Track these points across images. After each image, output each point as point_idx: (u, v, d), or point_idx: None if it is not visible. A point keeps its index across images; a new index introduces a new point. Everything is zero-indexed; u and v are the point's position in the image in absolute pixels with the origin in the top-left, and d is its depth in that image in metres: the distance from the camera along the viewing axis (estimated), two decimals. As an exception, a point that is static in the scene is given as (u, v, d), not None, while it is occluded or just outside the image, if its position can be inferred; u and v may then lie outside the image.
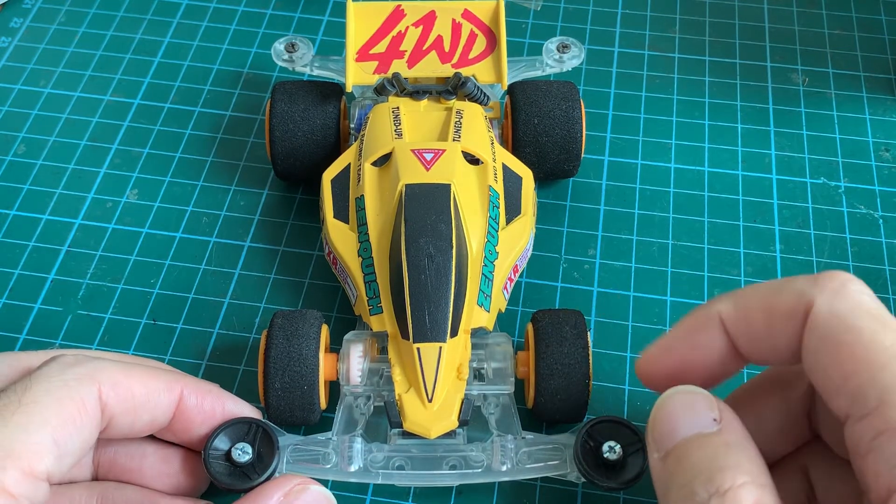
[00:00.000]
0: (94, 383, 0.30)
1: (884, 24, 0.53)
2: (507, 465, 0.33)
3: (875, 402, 0.26)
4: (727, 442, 0.27)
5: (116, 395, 0.30)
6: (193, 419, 0.33)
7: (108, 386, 0.30)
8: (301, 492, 0.31)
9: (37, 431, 0.28)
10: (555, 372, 0.34)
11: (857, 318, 0.27)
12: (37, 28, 0.53)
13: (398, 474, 0.34)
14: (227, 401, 0.34)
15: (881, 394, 0.25)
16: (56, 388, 0.29)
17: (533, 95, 0.42)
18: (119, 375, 0.31)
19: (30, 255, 0.43)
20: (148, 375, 0.32)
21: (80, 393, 0.30)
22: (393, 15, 0.44)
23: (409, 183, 0.37)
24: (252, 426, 0.33)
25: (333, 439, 0.34)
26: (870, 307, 0.28)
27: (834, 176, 0.46)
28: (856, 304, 0.27)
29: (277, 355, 0.34)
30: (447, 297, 0.35)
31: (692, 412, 0.28)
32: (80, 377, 0.30)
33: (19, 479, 0.27)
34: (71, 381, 0.30)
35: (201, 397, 0.33)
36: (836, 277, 0.28)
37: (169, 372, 0.33)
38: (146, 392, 0.31)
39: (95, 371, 0.30)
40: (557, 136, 0.42)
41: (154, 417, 0.32)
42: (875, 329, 0.27)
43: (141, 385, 0.31)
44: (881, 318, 0.27)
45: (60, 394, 0.29)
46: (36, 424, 0.28)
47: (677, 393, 0.29)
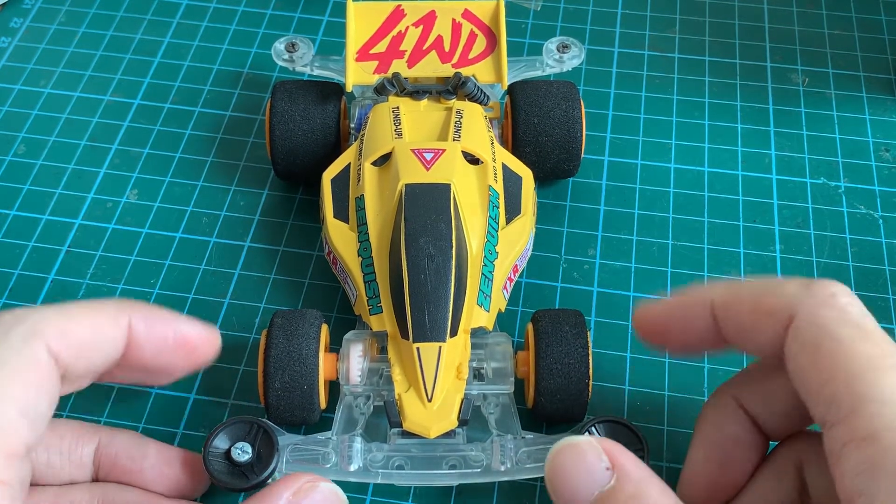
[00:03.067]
0: (40, 338, 0.29)
1: (884, 24, 0.53)
2: (507, 465, 0.33)
3: (847, 411, 0.26)
4: (630, 494, 0.28)
5: (66, 344, 0.29)
6: (144, 347, 0.31)
7: (54, 337, 0.29)
8: (310, 490, 0.30)
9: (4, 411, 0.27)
10: (555, 371, 0.35)
11: (840, 327, 0.27)
12: (37, 28, 0.53)
13: (398, 474, 0.34)
14: (180, 323, 0.32)
15: (853, 402, 0.26)
16: (6, 357, 0.28)
17: (533, 95, 0.42)
18: (63, 322, 0.29)
19: (30, 255, 0.43)
20: (92, 312, 0.30)
21: (31, 355, 0.28)
22: (393, 15, 0.44)
23: (408, 182, 0.37)
24: (252, 426, 0.33)
25: (333, 439, 0.34)
26: (854, 317, 0.28)
27: (834, 176, 0.46)
28: (840, 313, 0.28)
29: (277, 354, 0.34)
30: (447, 297, 0.35)
31: (584, 469, 0.28)
32: (25, 336, 0.28)
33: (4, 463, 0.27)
34: (17, 344, 0.28)
35: (150, 324, 0.31)
36: (827, 287, 0.29)
37: (113, 303, 0.31)
38: (93, 331, 0.30)
39: (38, 325, 0.29)
40: (557, 136, 0.42)
41: (107, 354, 0.31)
42: (855, 338, 0.27)
43: (87, 326, 0.30)
44: (864, 328, 0.27)
45: (13, 362, 0.28)
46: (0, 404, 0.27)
47: (562, 449, 0.29)
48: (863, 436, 0.25)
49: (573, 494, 0.29)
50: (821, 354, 0.27)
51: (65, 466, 0.33)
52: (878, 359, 0.26)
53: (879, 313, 0.41)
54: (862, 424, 0.25)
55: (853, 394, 0.26)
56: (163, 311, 0.32)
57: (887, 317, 0.41)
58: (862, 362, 0.26)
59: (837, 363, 0.27)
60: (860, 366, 0.26)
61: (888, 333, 0.40)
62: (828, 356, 0.27)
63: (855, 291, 0.41)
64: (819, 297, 0.28)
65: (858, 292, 0.41)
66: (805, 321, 0.28)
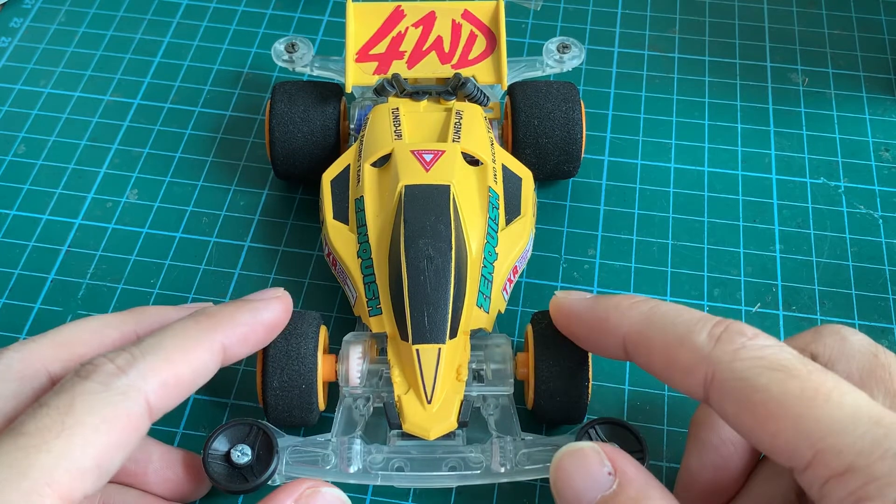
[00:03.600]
0: (140, 394, 0.28)
1: (884, 24, 0.53)
2: (507, 467, 0.33)
3: (810, 453, 0.26)
4: (631, 498, 0.28)
5: (165, 394, 0.29)
6: (238, 354, 0.32)
7: (154, 391, 0.29)
8: (312, 495, 0.30)
9: (81, 457, 0.27)
10: (554, 373, 0.34)
11: (761, 377, 0.27)
12: (37, 28, 0.53)
13: (397, 475, 0.34)
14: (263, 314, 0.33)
15: (812, 443, 0.25)
16: (101, 407, 0.27)
17: (533, 96, 0.42)
18: (164, 373, 0.29)
19: (30, 255, 0.43)
20: (189, 349, 0.30)
21: (125, 409, 0.28)
22: (393, 15, 0.44)
23: (408, 184, 0.37)
24: (252, 428, 0.33)
25: (333, 440, 0.34)
26: (769, 359, 0.27)
27: (834, 176, 0.46)
28: (756, 361, 0.27)
29: (276, 354, 0.34)
30: (446, 299, 0.35)
31: (587, 474, 0.29)
32: (125, 391, 0.28)
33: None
34: (115, 398, 0.28)
35: (240, 335, 0.32)
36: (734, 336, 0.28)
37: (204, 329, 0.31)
38: (192, 372, 0.30)
39: (140, 381, 0.29)
40: (557, 138, 0.42)
41: (202, 383, 0.31)
42: (780, 379, 0.27)
43: (186, 368, 0.30)
44: (784, 366, 0.27)
45: (105, 414, 0.27)
46: (80, 449, 0.27)
47: (566, 454, 0.30)
48: (840, 471, 0.25)
49: (577, 499, 0.29)
50: (757, 410, 0.27)
51: None
52: (811, 391, 0.26)
53: (879, 313, 0.41)
54: (832, 460, 0.25)
55: (807, 436, 0.26)
56: (243, 314, 0.33)
57: (887, 317, 0.41)
58: (799, 402, 0.26)
59: (776, 413, 0.26)
60: (799, 407, 0.26)
61: (888, 333, 0.40)
62: (763, 409, 0.27)
63: (855, 291, 0.41)
64: (729, 351, 0.28)
65: (858, 292, 0.41)
66: (727, 382, 0.28)
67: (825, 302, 0.41)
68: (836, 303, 0.41)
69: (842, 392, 0.26)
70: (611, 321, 0.32)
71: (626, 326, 0.31)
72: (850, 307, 0.41)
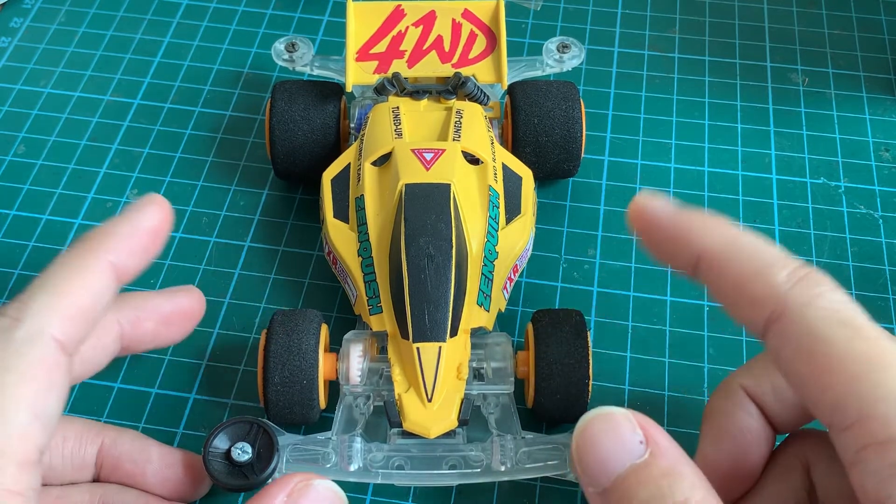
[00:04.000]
0: (45, 334, 0.28)
1: (884, 24, 0.53)
2: (507, 465, 0.33)
3: (855, 415, 0.25)
4: (664, 471, 0.27)
5: (70, 327, 0.28)
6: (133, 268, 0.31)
7: (58, 326, 0.28)
8: (304, 489, 0.30)
9: (15, 416, 0.26)
10: (554, 371, 0.34)
11: (831, 328, 0.26)
12: (37, 28, 0.53)
13: (398, 474, 0.34)
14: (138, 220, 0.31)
15: (861, 406, 0.25)
16: (11, 360, 0.27)
17: (533, 95, 0.42)
18: (61, 307, 0.28)
19: (30, 255, 0.43)
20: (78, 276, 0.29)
21: (36, 354, 0.27)
22: (393, 15, 0.44)
23: (408, 182, 0.37)
24: (252, 426, 0.33)
25: (333, 439, 0.34)
26: (845, 315, 0.27)
27: (834, 176, 0.46)
28: (830, 313, 0.27)
29: (277, 349, 0.34)
30: (447, 297, 0.35)
31: (618, 439, 0.27)
32: (29, 337, 0.27)
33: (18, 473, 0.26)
34: (22, 348, 0.27)
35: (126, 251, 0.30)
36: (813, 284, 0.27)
37: (86, 251, 0.30)
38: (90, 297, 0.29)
39: (39, 320, 0.28)
40: (557, 136, 0.42)
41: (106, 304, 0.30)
42: (848, 336, 0.26)
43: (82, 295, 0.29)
44: (854, 324, 0.26)
45: (19, 366, 0.27)
46: (11, 410, 0.26)
47: (596, 417, 0.28)
48: (881, 440, 0.24)
49: (603, 465, 0.27)
50: (816, 360, 0.26)
51: (67, 469, 0.33)
52: (876, 357, 0.26)
53: (879, 313, 0.41)
54: (877, 428, 0.24)
55: (859, 397, 0.25)
56: (121, 226, 0.31)
57: (887, 317, 0.41)
58: (861, 363, 0.25)
59: (835, 367, 0.26)
60: (860, 367, 0.25)
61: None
62: (823, 361, 0.26)
63: (855, 291, 0.41)
64: (805, 296, 0.27)
65: (858, 292, 0.41)
66: (794, 325, 0.27)
67: (825, 301, 0.41)
68: (836, 302, 0.41)
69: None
70: (693, 233, 0.30)
71: (706, 243, 0.29)
72: (850, 307, 0.41)
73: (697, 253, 0.29)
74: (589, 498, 0.28)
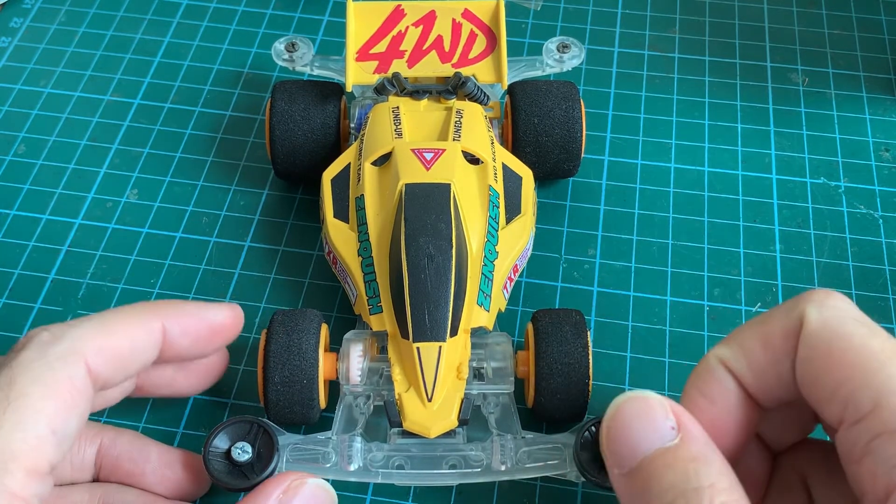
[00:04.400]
0: (79, 357, 0.29)
1: (884, 24, 0.53)
2: (507, 465, 0.33)
3: (870, 406, 0.26)
4: (693, 456, 0.27)
5: (104, 361, 0.30)
6: (180, 344, 0.33)
7: (93, 355, 0.29)
8: (299, 487, 0.31)
9: (33, 427, 0.27)
10: (555, 371, 0.34)
11: (846, 325, 0.27)
12: (37, 28, 0.53)
13: (398, 473, 0.34)
14: (209, 311, 0.34)
15: (876, 397, 0.25)
16: (41, 374, 0.28)
17: (533, 95, 0.42)
18: (100, 339, 0.30)
19: (30, 255, 0.43)
20: (127, 324, 0.31)
21: (66, 373, 0.29)
22: (393, 15, 0.44)
23: (408, 182, 0.37)
24: (252, 426, 0.33)
25: (333, 438, 0.34)
26: (856, 315, 0.28)
27: (834, 176, 0.46)
28: (843, 312, 0.28)
29: (277, 349, 0.34)
30: (447, 297, 0.35)
31: (649, 423, 0.27)
32: (63, 355, 0.29)
33: (25, 479, 0.27)
34: (55, 363, 0.28)
35: (182, 324, 0.33)
36: (819, 292, 0.28)
37: (146, 310, 0.32)
38: (130, 344, 0.31)
39: (77, 343, 0.29)
40: (557, 136, 0.42)
41: (144, 362, 0.32)
42: (864, 334, 0.27)
43: (124, 339, 0.31)
44: (868, 324, 0.27)
45: (47, 379, 0.28)
46: (31, 420, 0.27)
47: (630, 399, 0.28)
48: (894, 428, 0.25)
49: (634, 446, 0.27)
50: (832, 355, 0.27)
51: (66, 468, 0.33)
52: (889, 351, 0.26)
53: (879, 313, 0.41)
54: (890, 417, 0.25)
55: (875, 388, 0.26)
56: (190, 306, 0.33)
57: (887, 317, 0.41)
58: (877, 357, 0.26)
59: (852, 361, 0.26)
60: (876, 360, 0.26)
61: (888, 333, 0.40)
62: (840, 355, 0.27)
63: (855, 291, 0.41)
64: (817, 301, 0.28)
65: (858, 292, 0.41)
66: (812, 326, 0.28)
67: (825, 301, 0.41)
68: (836, 302, 0.41)
69: None
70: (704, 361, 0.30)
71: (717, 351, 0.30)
72: (850, 307, 0.41)
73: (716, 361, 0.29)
74: (613, 481, 0.28)
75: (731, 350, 0.29)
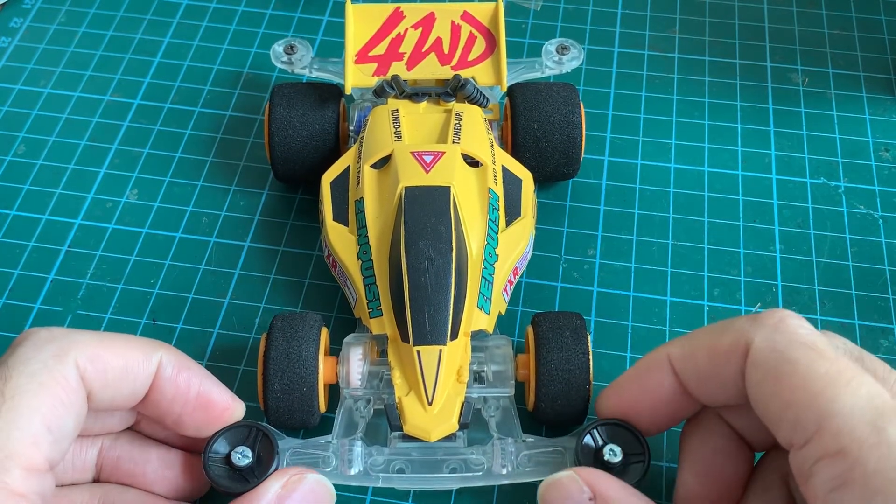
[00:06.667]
0: (72, 358, 0.29)
1: (884, 24, 0.53)
2: (508, 469, 0.33)
3: (813, 429, 0.26)
4: None
5: (95, 369, 0.30)
6: (166, 391, 0.32)
7: (85, 359, 0.29)
8: (298, 482, 0.31)
9: (29, 423, 0.27)
10: (555, 378, 0.34)
11: (793, 350, 0.28)
12: (37, 28, 0.53)
13: (398, 477, 0.34)
14: (206, 380, 0.33)
15: (819, 420, 0.26)
16: (36, 371, 0.28)
17: (533, 100, 0.42)
18: (96, 348, 0.30)
19: (30, 255, 0.43)
20: (125, 345, 0.31)
21: (61, 371, 0.29)
22: (392, 17, 0.44)
23: (408, 185, 0.37)
24: (252, 430, 0.33)
25: (333, 442, 0.34)
26: (806, 339, 0.28)
27: (834, 176, 0.46)
28: (792, 338, 0.28)
29: (277, 357, 0.34)
30: (447, 300, 0.35)
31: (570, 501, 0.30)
32: (58, 354, 0.29)
33: (24, 476, 0.27)
34: (49, 361, 0.29)
35: (178, 370, 0.32)
36: (775, 314, 0.29)
37: (146, 341, 0.32)
38: (125, 363, 0.31)
39: (71, 345, 0.29)
40: (557, 141, 0.42)
41: (134, 389, 0.31)
42: (811, 358, 0.28)
43: (119, 356, 0.31)
44: (817, 348, 0.28)
45: (42, 377, 0.28)
46: (26, 416, 0.28)
47: (548, 488, 0.31)
48: (832, 452, 0.26)
49: None
50: (780, 380, 0.28)
51: (67, 470, 0.33)
52: (835, 375, 0.27)
53: (879, 313, 0.41)
54: (829, 441, 0.26)
55: (816, 412, 0.26)
56: (191, 363, 0.33)
57: (887, 317, 0.41)
58: (820, 381, 0.27)
59: (797, 385, 0.27)
60: (819, 385, 0.27)
61: (888, 333, 0.40)
62: (786, 380, 0.27)
63: (855, 291, 0.41)
64: (768, 325, 0.29)
65: (858, 292, 0.41)
66: (760, 350, 0.29)
67: (825, 302, 0.41)
68: (836, 303, 0.41)
69: (861, 382, 0.27)
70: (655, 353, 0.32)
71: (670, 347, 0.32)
72: (850, 307, 0.41)
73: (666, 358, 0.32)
74: None
75: (682, 352, 0.31)
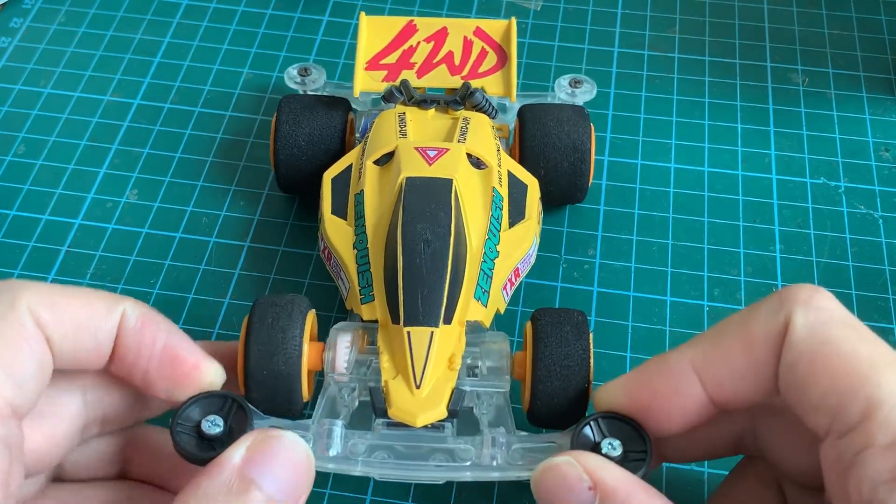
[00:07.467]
0: (24, 303, 0.28)
1: (884, 24, 0.53)
2: (498, 460, 0.31)
3: (858, 417, 0.25)
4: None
5: (52, 317, 0.28)
6: (130, 344, 0.30)
7: (39, 305, 0.28)
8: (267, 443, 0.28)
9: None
10: (553, 374, 0.32)
11: (834, 329, 0.26)
12: (37, 28, 0.53)
13: (379, 463, 0.31)
14: (175, 336, 0.30)
15: (865, 408, 0.25)
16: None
17: (543, 126, 0.41)
18: (54, 296, 0.29)
19: (30, 255, 0.43)
20: (85, 296, 0.29)
21: (13, 316, 0.28)
22: (405, 29, 0.44)
23: (409, 176, 0.36)
24: (227, 400, 0.31)
25: (313, 425, 0.32)
26: (844, 317, 0.27)
27: (834, 176, 0.46)
28: (830, 315, 0.26)
29: (258, 337, 0.32)
30: (442, 282, 0.33)
31: (567, 491, 0.28)
32: (9, 301, 0.28)
33: None
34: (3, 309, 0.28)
35: (143, 322, 0.30)
36: (803, 290, 0.27)
37: (110, 295, 0.30)
38: (85, 314, 0.29)
39: (23, 290, 0.28)
40: (566, 169, 0.41)
41: (98, 342, 0.29)
42: (853, 339, 0.26)
43: (77, 307, 0.29)
44: (855, 327, 0.26)
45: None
46: None
47: (545, 473, 0.28)
48: (884, 443, 0.24)
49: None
50: (819, 363, 0.26)
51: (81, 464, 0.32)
52: (879, 358, 0.25)
53: (879, 313, 0.41)
54: (880, 432, 0.24)
55: (864, 399, 0.25)
56: (163, 318, 0.31)
57: (887, 317, 0.41)
58: (867, 365, 0.25)
59: (840, 369, 0.25)
60: (865, 369, 0.25)
61: (888, 333, 0.40)
62: (828, 363, 0.26)
63: (855, 291, 0.41)
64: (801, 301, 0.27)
65: (858, 292, 0.41)
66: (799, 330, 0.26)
67: (825, 302, 0.41)
68: (836, 302, 0.41)
69: None
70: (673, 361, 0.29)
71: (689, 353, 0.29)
72: (850, 307, 0.40)
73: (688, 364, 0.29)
74: None
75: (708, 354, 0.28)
